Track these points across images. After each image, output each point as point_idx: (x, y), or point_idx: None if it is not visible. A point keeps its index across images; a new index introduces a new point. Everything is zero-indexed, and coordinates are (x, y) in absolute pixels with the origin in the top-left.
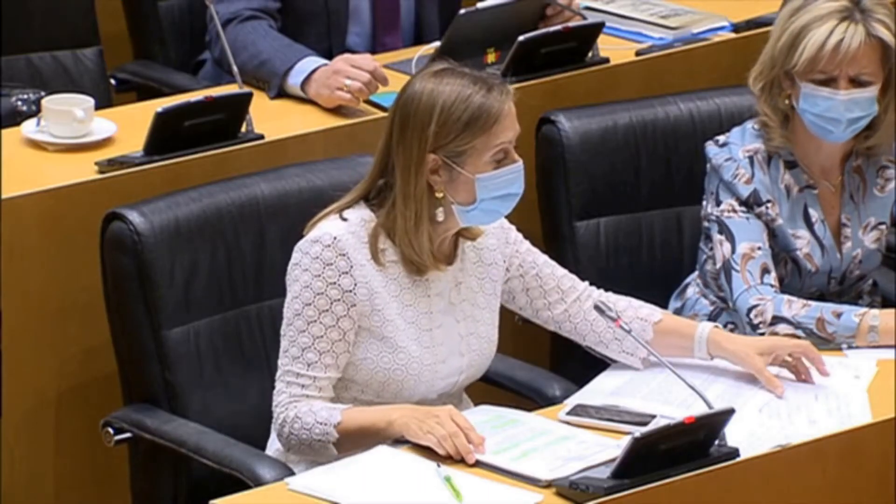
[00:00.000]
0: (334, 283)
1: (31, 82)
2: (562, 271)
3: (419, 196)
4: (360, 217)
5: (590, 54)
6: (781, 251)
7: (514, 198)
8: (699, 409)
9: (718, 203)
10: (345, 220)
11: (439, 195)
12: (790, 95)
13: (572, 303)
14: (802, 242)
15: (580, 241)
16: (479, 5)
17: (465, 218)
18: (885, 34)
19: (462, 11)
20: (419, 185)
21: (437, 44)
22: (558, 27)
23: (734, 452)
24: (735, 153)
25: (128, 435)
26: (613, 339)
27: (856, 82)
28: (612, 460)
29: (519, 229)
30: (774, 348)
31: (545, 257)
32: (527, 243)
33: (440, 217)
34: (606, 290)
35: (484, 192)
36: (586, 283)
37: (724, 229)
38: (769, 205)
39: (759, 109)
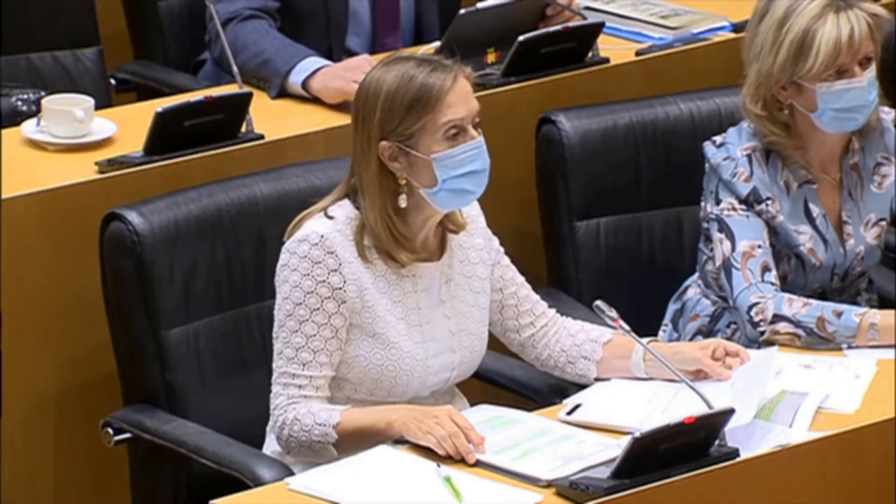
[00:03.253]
0: (324, 281)
1: (31, 82)
2: (535, 295)
3: (372, 184)
4: (346, 214)
5: (590, 54)
6: (784, 248)
7: (479, 175)
8: (699, 410)
9: (718, 202)
10: (330, 217)
11: (402, 182)
12: (791, 105)
13: (540, 329)
14: (805, 238)
15: (580, 241)
16: (479, 5)
17: (435, 201)
18: (878, 9)
19: (462, 11)
20: (370, 173)
21: (437, 44)
22: (558, 27)
23: (734, 452)
24: (733, 152)
25: (128, 435)
26: (567, 363)
27: (862, 64)
28: (612, 460)
29: (519, 229)
30: (710, 343)
31: (522, 277)
32: (506, 258)
33: (402, 203)
34: (606, 290)
35: (443, 171)
36: (553, 310)
37: (724, 227)
38: (769, 202)
39: (762, 131)
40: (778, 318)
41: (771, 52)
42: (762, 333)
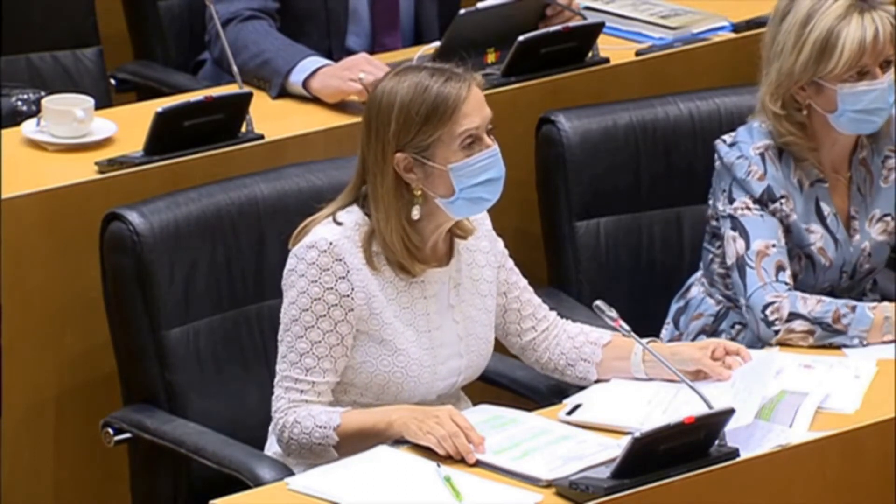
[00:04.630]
0: (331, 287)
1: (31, 82)
2: (538, 299)
3: (387, 196)
4: (355, 221)
5: (590, 54)
6: (795, 247)
7: (496, 182)
8: (699, 409)
9: (731, 201)
10: (339, 224)
11: (417, 192)
12: (809, 106)
13: (541, 332)
14: (816, 237)
15: (580, 241)
16: (479, 5)
17: (451, 210)
18: None
19: (462, 11)
20: (385, 185)
21: (437, 44)
22: (558, 27)
23: (734, 452)
24: (746, 151)
25: (127, 435)
26: (567, 366)
27: (883, 66)
28: (612, 460)
29: (519, 229)
30: (710, 343)
31: (525, 281)
32: (511, 261)
33: (416, 215)
34: (606, 290)
35: (460, 181)
36: (553, 313)
37: (738, 226)
38: (783, 200)
39: (778, 131)
40: (794, 316)
41: (793, 51)
42: (777, 332)
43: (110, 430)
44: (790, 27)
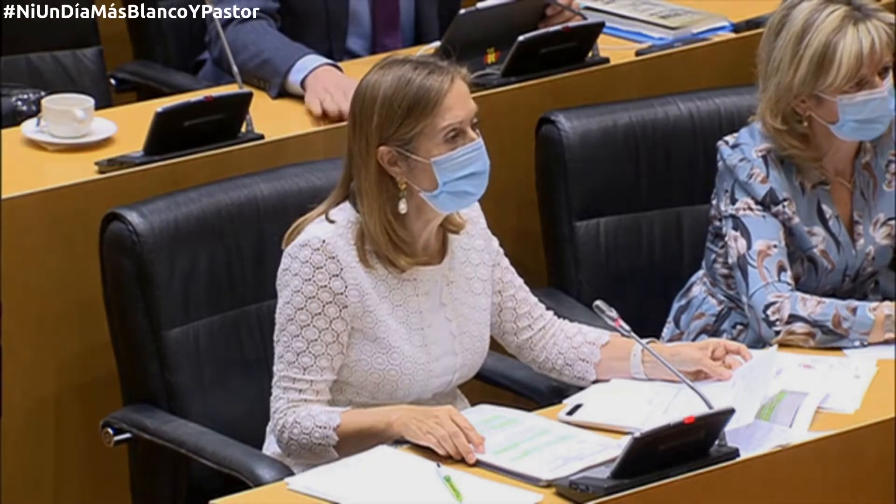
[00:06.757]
0: (325, 286)
1: (31, 82)
2: (534, 298)
3: (371, 190)
4: (347, 218)
5: (590, 54)
6: (797, 250)
7: (480, 176)
8: (699, 409)
9: (734, 201)
10: (332, 221)
11: (402, 186)
12: (810, 117)
13: (537, 331)
14: (818, 240)
15: (580, 241)
16: (479, 5)
17: (436, 204)
18: (892, 18)
19: (462, 11)
20: (369, 178)
21: (437, 44)
22: (558, 27)
23: (734, 452)
24: (748, 153)
25: (127, 435)
26: (565, 366)
27: (881, 74)
28: (612, 460)
29: (519, 229)
30: (710, 343)
31: (521, 280)
32: (506, 260)
33: (402, 208)
34: (606, 289)
35: (444, 174)
36: (550, 312)
37: (740, 226)
38: (786, 203)
39: (781, 145)
40: (794, 318)
41: (791, 67)
42: (777, 333)
43: (110, 430)
44: (785, 43)
